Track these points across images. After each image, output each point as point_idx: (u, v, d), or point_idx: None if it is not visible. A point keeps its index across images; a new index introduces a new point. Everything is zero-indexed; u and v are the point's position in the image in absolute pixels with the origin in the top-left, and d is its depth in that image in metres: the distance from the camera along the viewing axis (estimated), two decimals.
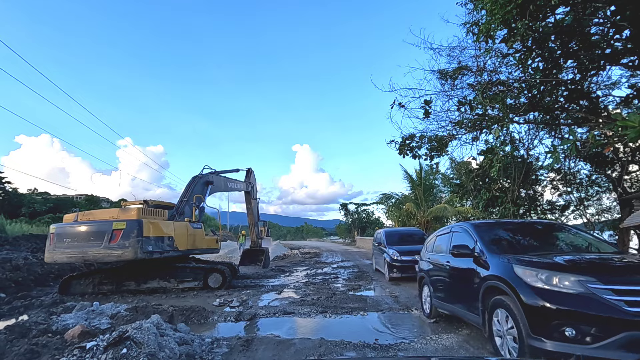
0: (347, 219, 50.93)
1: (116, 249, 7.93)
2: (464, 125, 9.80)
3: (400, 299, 7.29)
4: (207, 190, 11.58)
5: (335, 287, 9.10)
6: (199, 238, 10.49)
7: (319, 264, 16.47)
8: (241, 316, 6.02)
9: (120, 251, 7.92)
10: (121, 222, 8.12)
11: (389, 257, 10.21)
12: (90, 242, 8.07)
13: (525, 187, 13.91)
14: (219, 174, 12.52)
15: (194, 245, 10.10)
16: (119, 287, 9.15)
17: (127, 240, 7.95)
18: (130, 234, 7.99)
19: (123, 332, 3.29)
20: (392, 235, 11.78)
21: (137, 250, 7.95)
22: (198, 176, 11.40)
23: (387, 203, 27.51)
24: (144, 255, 8.09)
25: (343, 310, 6.33)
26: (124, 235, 7.99)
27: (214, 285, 9.39)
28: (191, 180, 11.26)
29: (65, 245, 8.23)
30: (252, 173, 15.27)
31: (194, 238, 10.12)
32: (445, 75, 10.21)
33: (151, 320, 3.81)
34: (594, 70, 8.31)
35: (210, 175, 11.87)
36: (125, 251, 7.91)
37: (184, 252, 9.64)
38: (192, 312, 6.08)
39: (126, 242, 7.94)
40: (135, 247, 7.94)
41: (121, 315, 5.52)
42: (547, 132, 11.94)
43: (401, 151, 10.68)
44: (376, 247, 12.44)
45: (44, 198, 37.21)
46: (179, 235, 9.44)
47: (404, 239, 11.58)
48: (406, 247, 10.43)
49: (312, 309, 6.47)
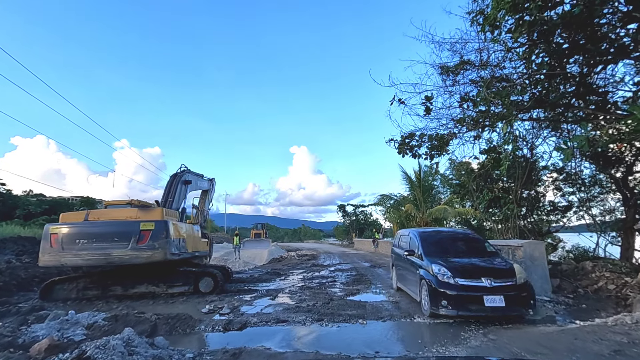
0: (344, 221, 50.51)
1: (145, 250, 7.70)
2: (466, 123, 9.42)
3: (402, 305, 6.87)
4: (187, 190, 11.27)
5: (332, 292, 8.67)
6: (198, 240, 10.24)
7: (316, 267, 16.04)
8: (231, 325, 5.57)
9: (150, 252, 7.71)
10: (149, 223, 7.91)
11: (432, 279, 5.96)
12: (114, 243, 7.74)
13: (527, 188, 13.57)
14: (191, 172, 12.21)
15: (195, 247, 9.86)
16: (105, 292, 8.67)
17: (156, 241, 7.77)
18: (160, 235, 7.82)
19: (82, 352, 2.85)
20: (432, 240, 7.26)
21: (167, 252, 7.82)
22: (177, 175, 11.02)
23: (385, 204, 27.12)
24: (171, 256, 7.98)
25: (341, 318, 5.90)
26: (153, 236, 7.78)
27: (205, 289, 8.94)
28: (170, 179, 10.92)
29: (80, 247, 7.80)
30: (214, 182, 14.91)
31: (196, 240, 9.97)
32: (447, 71, 9.82)
33: (121, 336, 3.38)
34: (602, 64, 7.95)
35: (186, 173, 11.53)
36: (155, 252, 7.73)
37: (191, 254, 9.51)
38: (177, 320, 5.63)
39: (156, 243, 7.76)
40: (165, 248, 7.79)
41: (98, 325, 5.07)
42: (550, 130, 11.60)
43: (400, 150, 10.28)
44: (401, 256, 7.89)
45: (39, 200, 36.73)
46: (188, 237, 9.34)
47: (453, 247, 7.13)
48: (461, 260, 6.36)
49: (308, 316, 6.04)
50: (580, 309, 6.42)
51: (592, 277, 8.24)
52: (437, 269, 5.94)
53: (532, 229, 13.19)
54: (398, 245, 8.61)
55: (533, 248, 7.48)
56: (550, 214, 15.52)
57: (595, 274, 8.29)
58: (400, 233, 9.01)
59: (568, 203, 15.44)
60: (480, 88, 8.88)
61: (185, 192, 11.09)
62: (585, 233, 15.86)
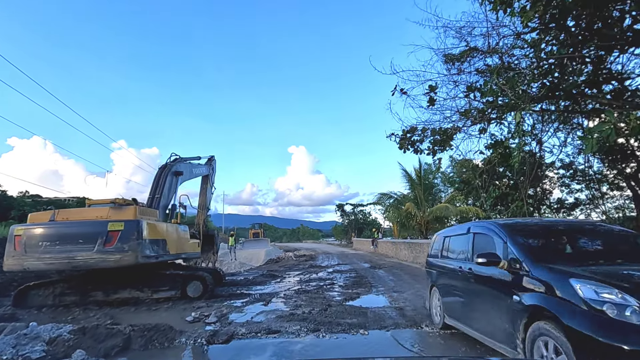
0: (343, 221, 49.94)
1: (113, 253, 6.91)
2: (472, 115, 8.81)
3: (407, 312, 6.25)
4: (178, 182, 10.47)
5: (330, 297, 8.04)
6: (186, 241, 9.52)
7: (313, 268, 15.41)
8: (215, 337, 4.93)
9: (119, 255, 6.91)
10: (118, 223, 7.11)
11: (572, 313, 2.62)
12: (79, 245, 6.99)
13: (533, 185, 13.00)
14: (183, 161, 11.39)
15: (182, 249, 9.14)
16: (84, 298, 8.00)
17: (125, 243, 6.96)
18: (130, 236, 7.00)
19: None
20: (537, 238, 3.87)
21: (138, 254, 6.99)
22: (166, 166, 10.22)
23: (384, 203, 26.52)
24: (143, 260, 7.16)
25: (339, 328, 5.27)
26: (122, 237, 6.99)
27: (194, 294, 8.29)
28: (159, 172, 10.06)
29: (43, 250, 7.07)
30: (214, 160, 14.06)
31: (181, 241, 9.19)
32: (452, 59, 9.20)
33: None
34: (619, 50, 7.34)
35: (177, 164, 10.68)
36: (124, 255, 6.92)
37: (174, 256, 8.77)
38: (155, 332, 4.98)
39: (125, 245, 6.95)
40: (135, 250, 6.97)
41: (62, 340, 4.42)
42: (560, 123, 11.00)
43: (402, 145, 9.65)
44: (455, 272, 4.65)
45: (34, 200, 36.09)
46: (170, 238, 8.53)
47: (581, 248, 3.86)
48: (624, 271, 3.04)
49: (303, 326, 5.40)
50: None
51: None
52: (593, 290, 2.58)
53: None
54: (443, 252, 5.29)
55: None
56: (558, 212, 14.96)
57: None
58: (443, 234, 5.57)
59: (575, 200, 14.90)
60: (488, 77, 8.29)
61: (176, 185, 10.34)
62: None
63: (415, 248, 17.15)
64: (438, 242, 5.65)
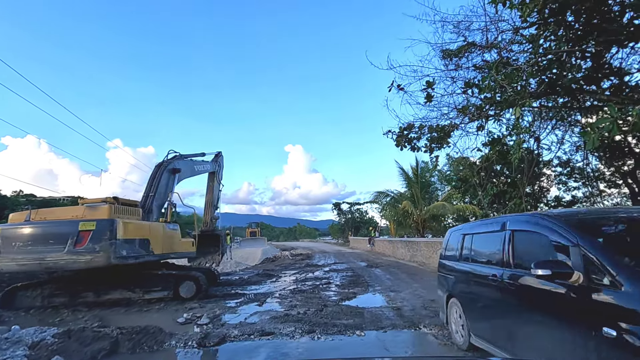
0: (340, 219, 49.86)
1: (84, 254, 6.64)
2: (469, 112, 8.69)
3: (404, 312, 6.11)
4: (175, 180, 10.17)
5: (326, 296, 7.89)
6: (176, 241, 9.24)
7: (310, 267, 15.26)
8: (206, 340, 4.76)
9: (89, 256, 6.63)
10: (90, 222, 6.83)
11: None
12: (50, 246, 6.74)
13: (531, 183, 12.92)
14: (184, 158, 11.11)
15: (170, 248, 8.84)
16: (74, 299, 7.79)
17: (97, 243, 6.68)
18: (102, 236, 6.72)
19: None
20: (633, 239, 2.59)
21: (110, 255, 6.69)
22: (162, 164, 9.95)
23: (381, 202, 26.43)
24: (117, 260, 6.84)
25: (335, 329, 5.11)
26: (93, 237, 6.70)
27: (187, 295, 8.11)
28: (155, 169, 9.77)
29: (16, 250, 6.84)
30: (222, 156, 13.77)
31: (170, 240, 8.87)
32: (450, 55, 9.07)
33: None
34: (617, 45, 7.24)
35: (175, 161, 10.38)
36: (95, 256, 6.63)
37: (160, 256, 8.43)
38: (144, 335, 4.81)
39: (96, 246, 6.66)
40: (107, 251, 6.68)
41: (45, 344, 4.23)
42: (557, 120, 10.92)
43: (399, 143, 9.53)
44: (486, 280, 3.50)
45: (28, 200, 35.72)
46: (155, 238, 8.19)
47: None
48: None
49: (297, 327, 5.25)
50: None
51: None
52: None
53: None
54: (463, 253, 4.28)
55: None
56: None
57: None
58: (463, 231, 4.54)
59: (573, 198, 14.84)
60: (486, 73, 8.17)
61: (174, 183, 10.09)
62: None
63: (412, 246, 17.05)
64: (455, 240, 4.67)
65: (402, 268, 13.54)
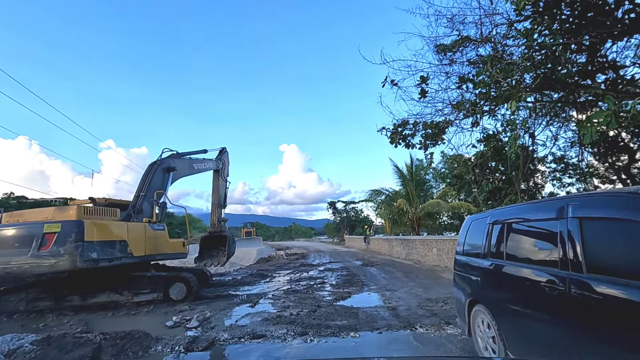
0: (335, 218, 49.77)
1: (48, 258, 6.29)
2: (464, 107, 8.58)
3: (400, 312, 5.96)
4: (169, 179, 9.88)
5: (320, 296, 7.72)
6: (162, 241, 8.90)
7: (304, 267, 15.08)
8: (195, 344, 4.57)
9: (53, 260, 6.29)
10: (54, 224, 6.50)
11: None
12: (14, 250, 6.41)
13: (525, 179, 12.87)
14: (181, 156, 10.82)
15: (155, 250, 8.53)
16: (59, 303, 7.52)
17: (62, 246, 6.33)
18: (67, 239, 6.37)
19: None
20: None
21: (76, 258, 6.34)
22: (156, 162, 9.67)
23: (376, 200, 26.31)
24: (85, 264, 6.49)
25: (329, 331, 4.95)
26: (58, 240, 6.36)
27: (177, 297, 7.89)
28: (148, 168, 9.48)
29: None
30: (226, 153, 13.40)
31: (154, 242, 8.53)
32: (444, 49, 8.94)
33: None
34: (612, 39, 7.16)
35: (171, 159, 10.09)
36: (59, 260, 6.28)
37: (141, 258, 8.07)
38: (129, 340, 4.60)
39: (61, 249, 6.31)
40: (73, 254, 6.33)
41: (23, 352, 4.01)
42: (552, 117, 10.86)
43: (393, 140, 9.39)
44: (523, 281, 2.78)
45: (19, 202, 35.11)
46: (134, 239, 7.86)
47: None
48: None
49: (290, 329, 5.07)
50: None
51: None
52: None
53: None
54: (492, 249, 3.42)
55: None
56: None
57: None
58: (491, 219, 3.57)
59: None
60: (480, 67, 8.06)
61: (167, 183, 9.78)
62: None
63: (407, 245, 16.95)
64: (478, 231, 3.74)
65: (398, 266, 13.42)
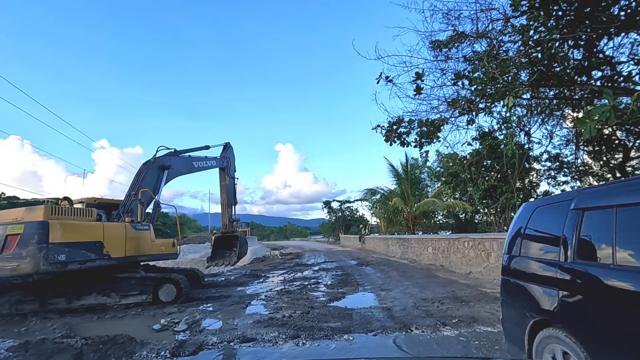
0: (330, 218, 49.65)
1: (10, 261, 5.98)
2: (459, 105, 8.47)
3: (395, 312, 5.80)
4: (164, 178, 9.64)
5: (314, 297, 7.55)
6: (146, 242, 8.50)
7: (299, 267, 14.91)
8: (182, 349, 4.37)
9: (15, 263, 5.96)
10: (18, 226, 6.19)
11: None
12: None
13: (521, 177, 12.82)
14: (179, 154, 10.57)
15: (137, 251, 8.15)
16: (44, 306, 7.27)
17: (24, 248, 6.02)
18: (29, 240, 6.05)
19: None
20: None
21: (40, 261, 6.00)
22: (150, 161, 9.44)
23: (371, 199, 26.22)
24: (51, 267, 6.15)
25: (322, 334, 4.78)
26: (20, 241, 6.05)
27: (167, 299, 7.67)
28: (141, 167, 9.26)
29: None
30: (230, 148, 13.09)
31: (137, 242, 8.14)
32: (439, 46, 8.82)
33: None
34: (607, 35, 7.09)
35: (166, 157, 9.83)
36: (21, 263, 5.96)
37: (120, 260, 7.68)
38: (113, 345, 4.39)
39: (23, 251, 6.00)
40: (35, 257, 5.99)
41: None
42: (547, 115, 10.80)
43: (388, 138, 9.26)
44: None
45: (10, 202, 34.55)
46: (112, 240, 7.46)
47: None
48: None
49: (281, 332, 4.89)
50: None
51: None
52: None
53: None
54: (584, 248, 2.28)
55: None
56: None
57: None
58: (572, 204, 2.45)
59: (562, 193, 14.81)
60: (476, 64, 7.94)
61: (162, 181, 9.52)
62: None
63: (403, 243, 16.85)
64: (551, 222, 2.71)
65: (393, 265, 13.30)
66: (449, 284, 8.11)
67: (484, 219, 15.71)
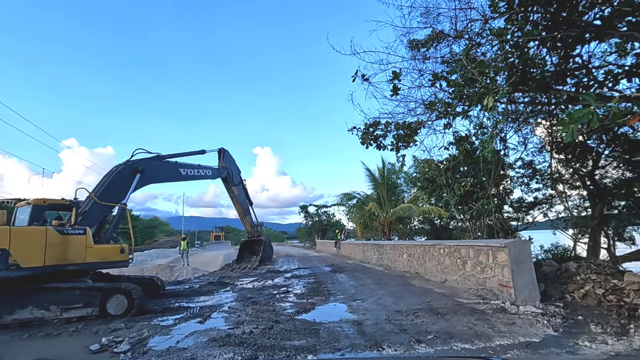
0: (307, 222, 49.06)
1: None
2: (437, 108, 8.22)
3: (366, 328, 5.32)
4: (134, 181, 8.96)
5: (281, 309, 6.97)
6: (77, 248, 7.39)
7: (270, 273, 14.24)
8: None
9: None
10: None
11: None
12: None
13: (497, 183, 12.79)
14: (162, 159, 9.82)
15: (64, 259, 7.12)
16: None
17: None
18: None
19: None
20: None
21: None
22: (122, 164, 8.76)
23: (348, 204, 25.90)
24: None
25: (283, 354, 4.23)
26: None
27: (116, 312, 6.88)
28: (112, 168, 8.62)
29: None
30: (227, 154, 12.40)
31: (63, 249, 7.12)
32: (417, 45, 8.56)
33: None
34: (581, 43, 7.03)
35: (141, 161, 9.21)
36: None
37: (38, 270, 6.68)
38: None
39: None
40: None
41: None
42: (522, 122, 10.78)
43: (364, 140, 8.90)
44: None
45: None
46: (22, 247, 6.50)
47: None
48: None
49: (237, 352, 4.30)
50: (578, 322, 5.25)
51: (578, 280, 7.26)
52: None
53: (501, 226, 12.40)
54: None
55: (519, 249, 6.29)
56: (518, 211, 14.95)
57: (580, 277, 7.32)
58: None
59: (535, 200, 14.98)
60: (454, 65, 7.72)
61: (131, 185, 8.90)
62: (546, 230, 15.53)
63: (378, 249, 16.51)
64: None
65: (368, 272, 12.89)
66: (424, 294, 7.74)
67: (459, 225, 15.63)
